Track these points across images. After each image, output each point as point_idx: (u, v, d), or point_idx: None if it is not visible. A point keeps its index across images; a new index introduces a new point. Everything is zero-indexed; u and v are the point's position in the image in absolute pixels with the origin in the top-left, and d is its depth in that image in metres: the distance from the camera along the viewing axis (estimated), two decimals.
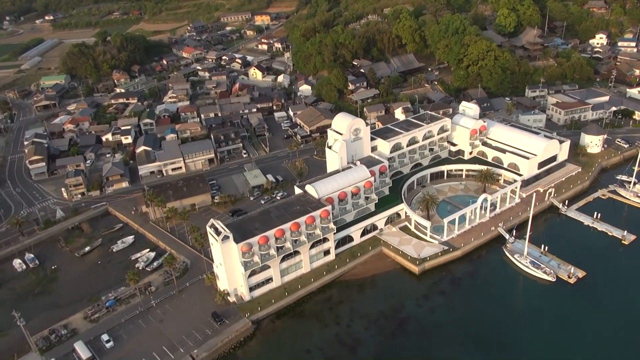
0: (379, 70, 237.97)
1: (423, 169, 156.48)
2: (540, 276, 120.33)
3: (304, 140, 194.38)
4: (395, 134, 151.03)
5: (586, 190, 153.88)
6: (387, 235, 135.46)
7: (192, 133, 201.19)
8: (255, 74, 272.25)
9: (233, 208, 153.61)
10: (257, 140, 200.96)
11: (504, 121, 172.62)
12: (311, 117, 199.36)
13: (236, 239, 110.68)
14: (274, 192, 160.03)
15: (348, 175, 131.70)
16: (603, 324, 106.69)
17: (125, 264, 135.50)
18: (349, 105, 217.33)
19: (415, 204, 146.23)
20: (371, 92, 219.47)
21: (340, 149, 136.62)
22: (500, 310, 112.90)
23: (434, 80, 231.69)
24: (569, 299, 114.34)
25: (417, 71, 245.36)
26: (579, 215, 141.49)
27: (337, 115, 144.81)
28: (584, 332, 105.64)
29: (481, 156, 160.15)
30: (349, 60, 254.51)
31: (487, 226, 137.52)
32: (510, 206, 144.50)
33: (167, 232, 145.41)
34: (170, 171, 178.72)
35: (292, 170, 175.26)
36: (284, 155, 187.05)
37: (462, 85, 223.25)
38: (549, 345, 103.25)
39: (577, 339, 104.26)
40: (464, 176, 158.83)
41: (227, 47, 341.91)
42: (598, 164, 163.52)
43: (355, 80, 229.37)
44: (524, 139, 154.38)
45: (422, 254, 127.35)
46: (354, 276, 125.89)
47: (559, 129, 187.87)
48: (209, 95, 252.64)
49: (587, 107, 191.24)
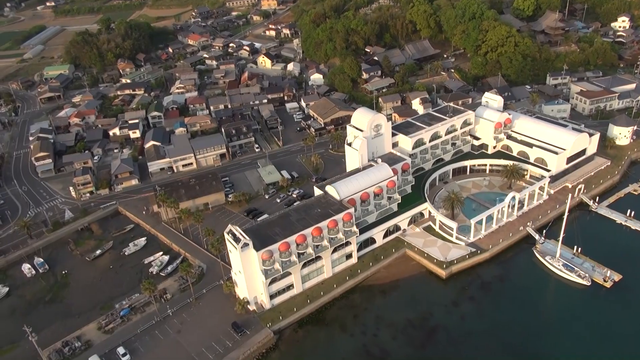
0: (393, 57, 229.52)
1: (445, 165, 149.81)
2: (574, 280, 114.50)
3: (318, 133, 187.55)
4: (417, 129, 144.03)
5: (616, 185, 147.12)
6: (411, 237, 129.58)
7: (202, 126, 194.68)
8: (264, 62, 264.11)
9: (248, 207, 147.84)
10: (269, 134, 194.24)
11: (528, 112, 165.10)
12: (325, 109, 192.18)
13: (256, 246, 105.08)
14: (289, 190, 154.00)
15: (370, 175, 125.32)
16: None
17: (138, 269, 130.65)
18: (363, 96, 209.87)
19: (438, 202, 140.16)
20: (386, 82, 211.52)
21: (361, 146, 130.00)
22: (533, 318, 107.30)
23: (451, 68, 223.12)
24: (607, 305, 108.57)
25: (432, 58, 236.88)
26: (610, 213, 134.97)
27: (356, 110, 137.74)
28: (624, 342, 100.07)
29: (506, 150, 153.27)
30: (361, 47, 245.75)
31: (515, 226, 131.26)
32: (538, 204, 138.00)
33: (180, 234, 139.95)
34: (180, 167, 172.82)
35: (307, 165, 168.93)
36: (298, 149, 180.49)
37: (480, 73, 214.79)
38: (588, 356, 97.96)
39: (618, 349, 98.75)
40: (488, 171, 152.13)
41: (234, 34, 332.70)
42: (628, 156, 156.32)
43: (369, 69, 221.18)
44: (551, 132, 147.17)
45: (449, 257, 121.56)
46: (378, 281, 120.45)
47: (583, 119, 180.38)
48: (217, 85, 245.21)
49: (614, 96, 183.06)
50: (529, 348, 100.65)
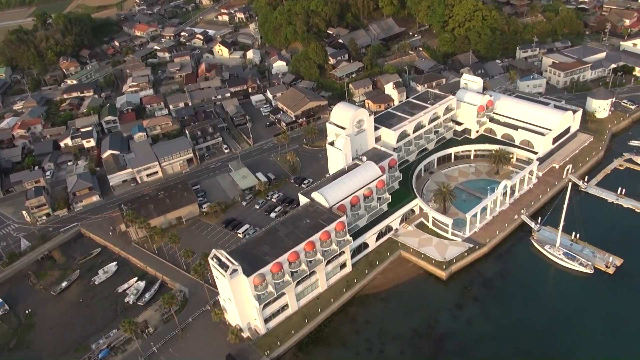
0: (358, 39, 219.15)
1: (429, 154, 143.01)
2: (576, 268, 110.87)
3: (289, 127, 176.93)
4: (400, 120, 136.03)
5: (602, 162, 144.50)
6: (404, 236, 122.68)
7: (163, 129, 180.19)
8: (221, 51, 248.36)
9: (226, 218, 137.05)
10: (237, 131, 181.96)
11: (507, 91, 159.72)
12: (294, 101, 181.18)
13: (246, 270, 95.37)
14: (268, 194, 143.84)
15: (357, 176, 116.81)
16: None
17: (112, 299, 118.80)
18: (332, 83, 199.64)
19: (427, 195, 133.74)
20: (355, 66, 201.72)
21: (345, 145, 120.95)
22: (541, 315, 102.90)
23: (419, 47, 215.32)
24: (613, 293, 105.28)
25: (398, 37, 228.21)
26: (601, 192, 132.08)
27: (335, 106, 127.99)
28: (637, 332, 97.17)
29: (489, 134, 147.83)
30: (323, 30, 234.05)
31: (508, 214, 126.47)
32: (529, 188, 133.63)
33: (154, 255, 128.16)
34: (145, 177, 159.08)
35: (282, 164, 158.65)
36: (271, 146, 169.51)
37: (450, 50, 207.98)
38: (603, 350, 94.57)
39: (631, 340, 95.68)
40: (473, 157, 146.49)
41: (184, 21, 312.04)
42: (609, 130, 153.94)
43: (335, 53, 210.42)
44: (535, 112, 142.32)
45: (447, 256, 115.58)
46: (376, 288, 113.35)
47: (558, 92, 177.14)
48: (174, 79, 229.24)
49: (587, 67, 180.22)
50: (542, 349, 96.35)
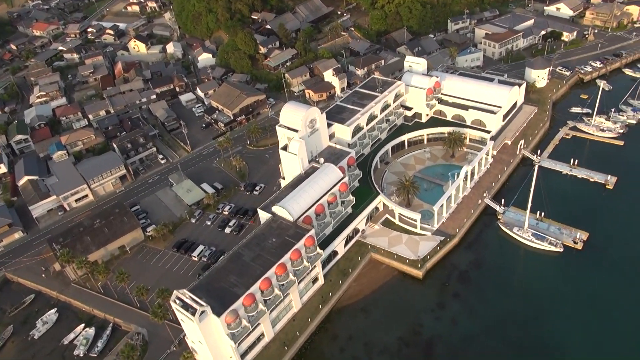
0: (286, 23, 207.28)
1: (383, 144, 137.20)
2: (546, 248, 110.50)
3: (229, 127, 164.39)
4: (352, 114, 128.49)
5: (549, 132, 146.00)
6: (372, 237, 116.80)
7: (86, 144, 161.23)
8: (137, 47, 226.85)
9: (176, 240, 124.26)
10: (171, 138, 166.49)
11: (448, 70, 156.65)
12: (230, 98, 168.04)
13: (216, 309, 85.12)
14: (218, 207, 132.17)
15: (318, 182, 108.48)
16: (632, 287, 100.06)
17: (58, 354, 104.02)
18: (267, 74, 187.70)
19: (387, 187, 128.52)
20: (288, 53, 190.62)
21: (300, 149, 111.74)
22: (521, 302, 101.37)
23: (351, 27, 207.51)
24: (586, 269, 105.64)
25: (327, 18, 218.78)
26: (554, 164, 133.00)
27: (284, 107, 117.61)
28: (613, 306, 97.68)
29: (440, 116, 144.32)
30: (247, 16, 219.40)
31: (472, 200, 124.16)
32: (486, 170, 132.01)
33: (100, 294, 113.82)
34: (74, 203, 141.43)
35: (228, 170, 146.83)
36: (211, 151, 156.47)
37: (382, 28, 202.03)
38: (587, 328, 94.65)
39: (609, 315, 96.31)
40: (426, 141, 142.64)
41: (88, 15, 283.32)
42: (550, 99, 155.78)
43: (265, 41, 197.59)
44: (482, 90, 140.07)
45: (420, 253, 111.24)
46: (352, 298, 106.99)
47: (495, 64, 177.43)
48: (88, 84, 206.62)
49: (518, 36, 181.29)
50: (530, 338, 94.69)
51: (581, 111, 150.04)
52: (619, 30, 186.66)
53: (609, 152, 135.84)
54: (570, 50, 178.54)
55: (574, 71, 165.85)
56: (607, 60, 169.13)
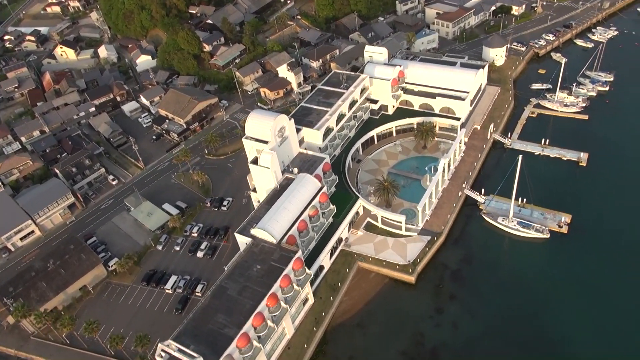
0: (229, 16, 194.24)
1: (352, 142, 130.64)
2: (534, 236, 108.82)
3: (182, 137, 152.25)
4: (319, 115, 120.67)
5: (514, 112, 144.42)
6: (357, 245, 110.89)
7: (23, 171, 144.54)
8: (65, 53, 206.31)
9: (144, 272, 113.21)
10: (119, 155, 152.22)
11: (408, 56, 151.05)
12: (180, 104, 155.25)
13: (208, 357, 76.67)
14: (185, 229, 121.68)
15: (297, 195, 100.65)
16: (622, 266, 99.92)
17: None
18: (215, 74, 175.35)
19: (363, 188, 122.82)
20: (236, 49, 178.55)
21: (272, 162, 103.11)
22: (518, 296, 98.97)
23: (297, 15, 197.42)
24: (575, 253, 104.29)
25: (270, 7, 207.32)
26: (526, 145, 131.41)
27: (249, 117, 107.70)
28: (610, 283, 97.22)
29: (406, 106, 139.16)
30: (184, 10, 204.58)
31: (452, 192, 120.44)
32: (461, 158, 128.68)
33: (67, 346, 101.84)
34: (19, 242, 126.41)
35: (189, 186, 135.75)
36: (167, 166, 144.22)
37: (330, 14, 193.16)
38: (586, 315, 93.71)
39: (610, 293, 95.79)
40: (395, 134, 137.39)
41: (2, 20, 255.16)
42: (510, 77, 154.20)
43: (208, 37, 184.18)
44: (447, 76, 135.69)
45: (410, 256, 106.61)
46: (346, 314, 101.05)
47: (450, 44, 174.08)
48: (14, 100, 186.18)
49: (470, 13, 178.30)
50: (533, 333, 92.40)
51: (542, 87, 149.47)
52: (564, 0, 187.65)
53: (576, 127, 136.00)
54: (522, 25, 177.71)
55: (529, 46, 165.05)
56: (558, 32, 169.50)
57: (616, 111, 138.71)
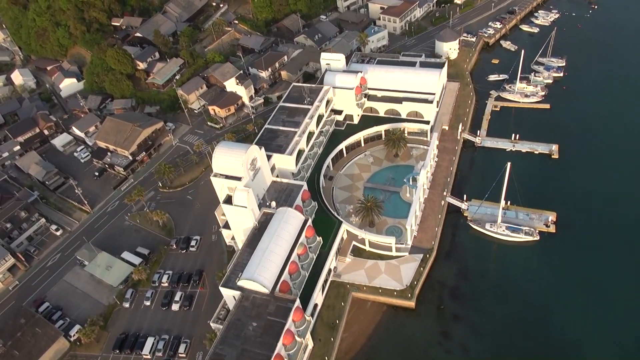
0: (159, 27, 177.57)
1: (322, 158, 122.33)
2: (523, 239, 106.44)
3: (129, 170, 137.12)
4: (287, 137, 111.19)
5: (477, 107, 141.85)
6: (347, 274, 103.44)
7: None
8: None
9: (115, 338, 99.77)
10: (58, 198, 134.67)
11: (363, 58, 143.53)
12: (122, 134, 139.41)
13: None
14: (153, 279, 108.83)
15: (282, 234, 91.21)
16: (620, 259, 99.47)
17: None
18: (155, 94, 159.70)
19: (341, 208, 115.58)
20: (174, 64, 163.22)
21: (249, 199, 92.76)
22: (521, 306, 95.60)
23: (234, 20, 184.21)
24: (567, 252, 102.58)
25: (203, 13, 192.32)
26: (496, 142, 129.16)
27: (216, 151, 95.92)
28: (608, 280, 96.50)
29: (371, 113, 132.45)
30: (106, 23, 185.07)
31: (434, 202, 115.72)
32: (436, 163, 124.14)
33: None
34: None
35: (147, 226, 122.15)
36: (118, 205, 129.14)
37: (269, 16, 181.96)
38: (589, 312, 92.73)
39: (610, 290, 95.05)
40: (363, 143, 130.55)
41: None
42: (466, 70, 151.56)
43: (141, 54, 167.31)
44: (410, 78, 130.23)
45: (405, 280, 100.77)
46: (349, 353, 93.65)
47: (399, 40, 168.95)
48: None
49: (415, 6, 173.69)
50: (546, 343, 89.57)
51: (499, 78, 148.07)
52: None
53: (540, 118, 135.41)
54: (467, 14, 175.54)
55: (478, 36, 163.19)
56: (504, 19, 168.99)
57: (574, 97, 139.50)
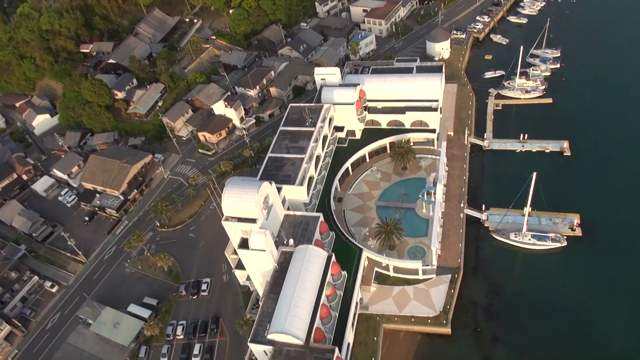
0: (132, 51, 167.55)
1: (330, 180, 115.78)
2: (551, 247, 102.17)
3: (122, 211, 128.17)
4: (295, 165, 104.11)
5: (478, 108, 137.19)
6: (375, 304, 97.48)
7: None
8: None
9: None
10: (48, 250, 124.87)
11: (357, 69, 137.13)
12: (109, 173, 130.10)
13: None
14: (167, 333, 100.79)
15: (307, 277, 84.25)
16: None
17: None
18: (138, 124, 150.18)
19: (356, 231, 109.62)
20: (155, 91, 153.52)
21: (267, 242, 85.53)
22: (559, 318, 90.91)
23: (212, 36, 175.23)
24: (600, 255, 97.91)
25: (177, 30, 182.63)
26: (505, 144, 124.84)
27: (224, 195, 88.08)
28: None
29: (372, 126, 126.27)
30: (74, 51, 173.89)
31: (452, 216, 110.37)
32: (447, 172, 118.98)
33: None
34: None
35: (151, 272, 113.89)
36: (115, 252, 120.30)
37: (248, 28, 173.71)
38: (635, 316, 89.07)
39: None
40: (368, 158, 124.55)
41: None
42: (462, 70, 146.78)
43: (118, 82, 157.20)
44: (410, 86, 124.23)
45: (438, 305, 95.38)
46: None
47: (387, 42, 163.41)
48: None
49: (399, 5, 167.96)
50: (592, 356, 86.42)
51: (495, 74, 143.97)
52: None
53: (545, 114, 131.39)
54: (452, 9, 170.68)
55: (467, 32, 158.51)
56: (491, 12, 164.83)
57: (575, 88, 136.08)
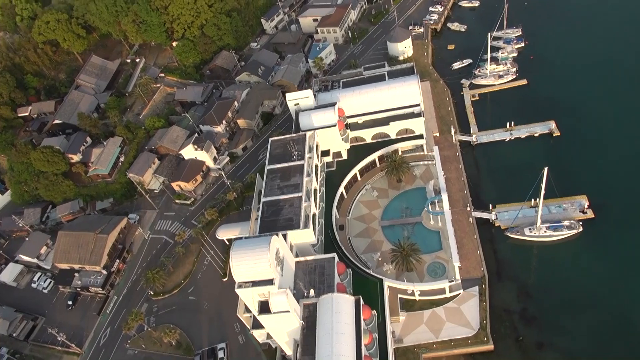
0: (77, 106, 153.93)
1: (328, 210, 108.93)
2: (568, 234, 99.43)
3: (109, 287, 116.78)
4: (294, 207, 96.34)
5: (457, 102, 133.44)
6: (409, 335, 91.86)
7: None
8: None
9: None
10: (35, 347, 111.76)
11: (324, 85, 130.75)
12: (85, 248, 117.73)
13: None
14: None
15: (341, 330, 76.94)
16: None
17: None
18: (103, 186, 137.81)
19: (367, 258, 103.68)
20: (114, 146, 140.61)
21: (290, 301, 77.95)
22: (596, 309, 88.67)
23: (160, 74, 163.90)
24: (618, 234, 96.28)
25: (120, 75, 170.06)
26: (492, 136, 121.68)
27: (232, 260, 79.01)
28: None
29: (358, 142, 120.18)
30: (12, 117, 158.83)
31: (461, 222, 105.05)
32: (445, 176, 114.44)
33: None
34: None
35: (158, 350, 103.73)
36: (112, 333, 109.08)
37: (197, 59, 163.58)
38: None
39: None
40: (359, 177, 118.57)
41: None
42: (429, 65, 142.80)
43: (71, 144, 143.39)
44: (387, 94, 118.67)
45: (473, 322, 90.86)
46: None
47: (345, 49, 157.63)
48: None
49: (349, 8, 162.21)
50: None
51: (463, 64, 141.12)
52: None
53: (523, 96, 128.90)
54: (402, 4, 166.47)
55: (424, 24, 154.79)
56: (442, 0, 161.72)
57: (545, 64, 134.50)
